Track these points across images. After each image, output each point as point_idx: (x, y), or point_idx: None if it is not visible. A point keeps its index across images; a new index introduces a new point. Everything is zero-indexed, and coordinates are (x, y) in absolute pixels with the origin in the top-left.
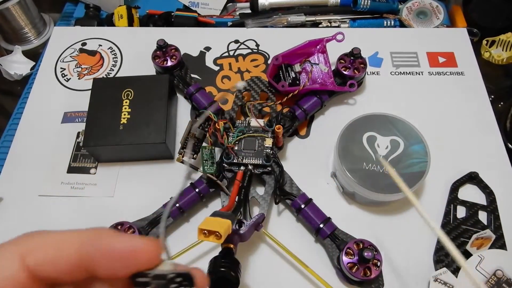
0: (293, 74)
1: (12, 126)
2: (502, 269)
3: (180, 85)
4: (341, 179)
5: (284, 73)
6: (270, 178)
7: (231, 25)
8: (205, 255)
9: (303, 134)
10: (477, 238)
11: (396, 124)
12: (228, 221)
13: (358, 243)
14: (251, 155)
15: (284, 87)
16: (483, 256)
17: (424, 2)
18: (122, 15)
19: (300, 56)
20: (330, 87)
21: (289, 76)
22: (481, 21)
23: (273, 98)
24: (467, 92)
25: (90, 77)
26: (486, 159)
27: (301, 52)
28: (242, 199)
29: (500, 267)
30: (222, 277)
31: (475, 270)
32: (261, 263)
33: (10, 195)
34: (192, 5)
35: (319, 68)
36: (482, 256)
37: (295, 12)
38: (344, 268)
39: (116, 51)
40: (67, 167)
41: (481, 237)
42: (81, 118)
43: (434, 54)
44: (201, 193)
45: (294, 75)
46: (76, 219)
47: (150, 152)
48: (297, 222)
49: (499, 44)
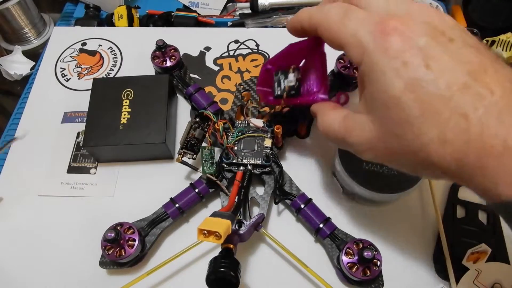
0: (284, 83)
1: (12, 126)
2: (501, 282)
3: (179, 85)
4: (341, 179)
5: (280, 81)
6: (270, 178)
7: (231, 25)
8: (205, 255)
9: (303, 134)
10: (473, 253)
11: None
12: (228, 221)
13: (358, 243)
14: (250, 155)
15: (269, 99)
16: (480, 270)
17: (424, 2)
18: (122, 15)
19: (294, 60)
20: (314, 99)
21: (279, 86)
22: (481, 21)
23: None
24: None
25: (90, 77)
26: None
27: (292, 56)
28: (242, 199)
29: (499, 280)
30: (222, 277)
31: (473, 285)
32: (261, 263)
33: (10, 195)
34: (192, 5)
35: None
36: (479, 270)
37: (295, 12)
38: (344, 268)
39: (116, 51)
40: (67, 167)
41: (476, 251)
42: (81, 118)
43: None
44: (200, 193)
45: (285, 84)
46: (76, 219)
47: (150, 152)
48: (297, 222)
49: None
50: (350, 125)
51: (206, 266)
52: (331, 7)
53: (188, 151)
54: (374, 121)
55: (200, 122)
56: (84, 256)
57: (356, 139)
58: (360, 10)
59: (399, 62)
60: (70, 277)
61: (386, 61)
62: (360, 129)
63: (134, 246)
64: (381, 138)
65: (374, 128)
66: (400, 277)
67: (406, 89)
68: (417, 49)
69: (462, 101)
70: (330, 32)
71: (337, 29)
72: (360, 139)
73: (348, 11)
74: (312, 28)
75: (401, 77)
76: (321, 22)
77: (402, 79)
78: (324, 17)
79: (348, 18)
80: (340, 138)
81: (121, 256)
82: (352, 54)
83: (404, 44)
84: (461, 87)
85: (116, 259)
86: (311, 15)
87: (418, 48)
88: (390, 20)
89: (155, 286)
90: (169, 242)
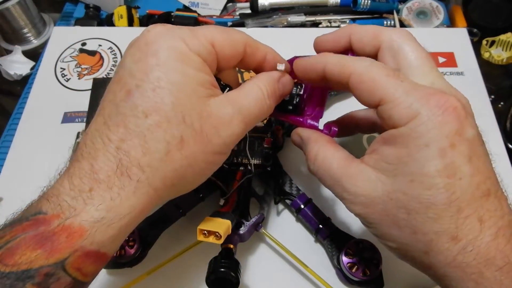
0: (287, 96)
1: (12, 126)
2: None
3: None
4: None
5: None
6: (270, 178)
7: (231, 25)
8: (205, 255)
9: None
10: None
11: None
12: (228, 221)
13: (358, 243)
14: (250, 155)
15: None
16: None
17: (424, 2)
18: (122, 15)
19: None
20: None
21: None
22: (481, 21)
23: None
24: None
25: (90, 77)
26: None
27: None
28: (242, 199)
29: None
30: (222, 277)
31: None
32: (261, 263)
33: (10, 195)
34: (192, 5)
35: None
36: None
37: (295, 12)
38: (344, 268)
39: (116, 51)
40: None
41: None
42: (81, 118)
43: (434, 54)
44: (200, 193)
45: (288, 97)
46: None
47: None
48: (297, 222)
49: (499, 44)
50: (353, 172)
51: (206, 266)
52: (376, 62)
53: None
54: (385, 183)
55: None
56: None
57: (355, 189)
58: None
59: (448, 143)
60: None
61: (436, 135)
62: (363, 182)
63: (134, 246)
64: (385, 203)
65: (381, 189)
66: (400, 277)
67: (443, 172)
68: (467, 139)
69: (483, 207)
70: (372, 83)
71: (385, 82)
72: (359, 190)
73: (399, 73)
74: (342, 76)
75: (444, 157)
76: (361, 72)
77: (444, 160)
78: (366, 66)
79: (399, 77)
80: (334, 180)
81: (121, 256)
82: (396, 113)
83: (459, 127)
84: (486, 193)
85: (116, 259)
86: (344, 62)
87: (467, 139)
88: (451, 98)
89: (155, 286)
90: (169, 242)
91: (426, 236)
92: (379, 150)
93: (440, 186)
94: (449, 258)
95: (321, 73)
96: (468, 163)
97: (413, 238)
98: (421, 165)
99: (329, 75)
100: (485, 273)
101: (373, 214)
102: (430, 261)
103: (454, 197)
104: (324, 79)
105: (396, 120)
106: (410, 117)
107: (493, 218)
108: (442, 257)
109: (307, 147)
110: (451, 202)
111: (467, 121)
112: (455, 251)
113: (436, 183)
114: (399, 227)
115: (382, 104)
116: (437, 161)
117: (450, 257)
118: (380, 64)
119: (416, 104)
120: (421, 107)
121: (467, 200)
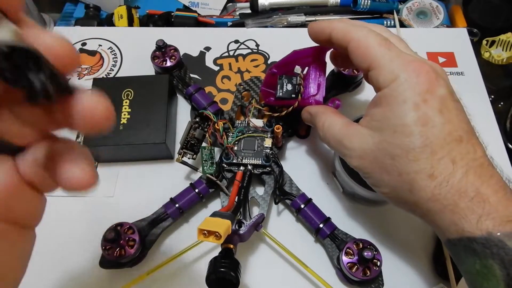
0: (290, 86)
1: None
2: None
3: (179, 85)
4: (341, 179)
5: (283, 84)
6: (270, 178)
7: (231, 25)
8: (205, 255)
9: (303, 134)
10: None
11: None
12: (228, 221)
13: (358, 243)
14: (250, 155)
15: (270, 99)
16: None
17: (424, 2)
18: (122, 15)
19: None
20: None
21: (282, 88)
22: (481, 21)
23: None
24: (467, 92)
25: (90, 77)
26: None
27: (296, 62)
28: (242, 199)
29: None
30: (222, 277)
31: None
32: (261, 263)
33: None
34: (192, 5)
35: (315, 81)
36: None
37: (295, 12)
38: (344, 268)
39: (116, 51)
40: None
41: None
42: None
43: (434, 54)
44: (200, 193)
45: (291, 87)
46: (76, 219)
47: (150, 152)
48: (297, 222)
49: (499, 44)
50: (351, 132)
51: (206, 266)
52: (372, 31)
53: (188, 151)
54: (374, 137)
55: (200, 122)
56: (84, 256)
57: (352, 145)
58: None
59: (421, 99)
60: (70, 277)
61: (411, 93)
62: (358, 138)
63: (134, 246)
64: (375, 152)
65: (372, 142)
66: (400, 277)
67: (418, 121)
68: (438, 96)
69: (455, 150)
70: (365, 50)
71: (375, 51)
72: (355, 145)
73: (390, 42)
74: (344, 40)
75: (418, 110)
76: (359, 39)
77: (418, 113)
78: (364, 35)
79: (388, 46)
80: (337, 140)
81: (121, 256)
82: (381, 77)
83: (429, 87)
84: (457, 139)
85: (116, 259)
86: (348, 29)
87: (438, 96)
88: (425, 64)
89: (155, 286)
90: (169, 242)
91: (408, 175)
92: (370, 112)
93: (416, 133)
94: (428, 194)
95: (328, 36)
96: (439, 114)
97: (399, 179)
98: (401, 118)
99: (334, 39)
100: (459, 204)
101: (367, 164)
102: (414, 199)
103: (428, 142)
104: (330, 42)
105: (381, 83)
106: (391, 80)
107: (465, 159)
108: (423, 193)
109: (316, 119)
110: (425, 145)
111: (438, 82)
112: (432, 186)
113: (412, 131)
114: (387, 172)
115: (371, 70)
116: (413, 113)
117: (429, 192)
118: (376, 33)
119: (397, 69)
120: (400, 72)
121: (440, 144)
